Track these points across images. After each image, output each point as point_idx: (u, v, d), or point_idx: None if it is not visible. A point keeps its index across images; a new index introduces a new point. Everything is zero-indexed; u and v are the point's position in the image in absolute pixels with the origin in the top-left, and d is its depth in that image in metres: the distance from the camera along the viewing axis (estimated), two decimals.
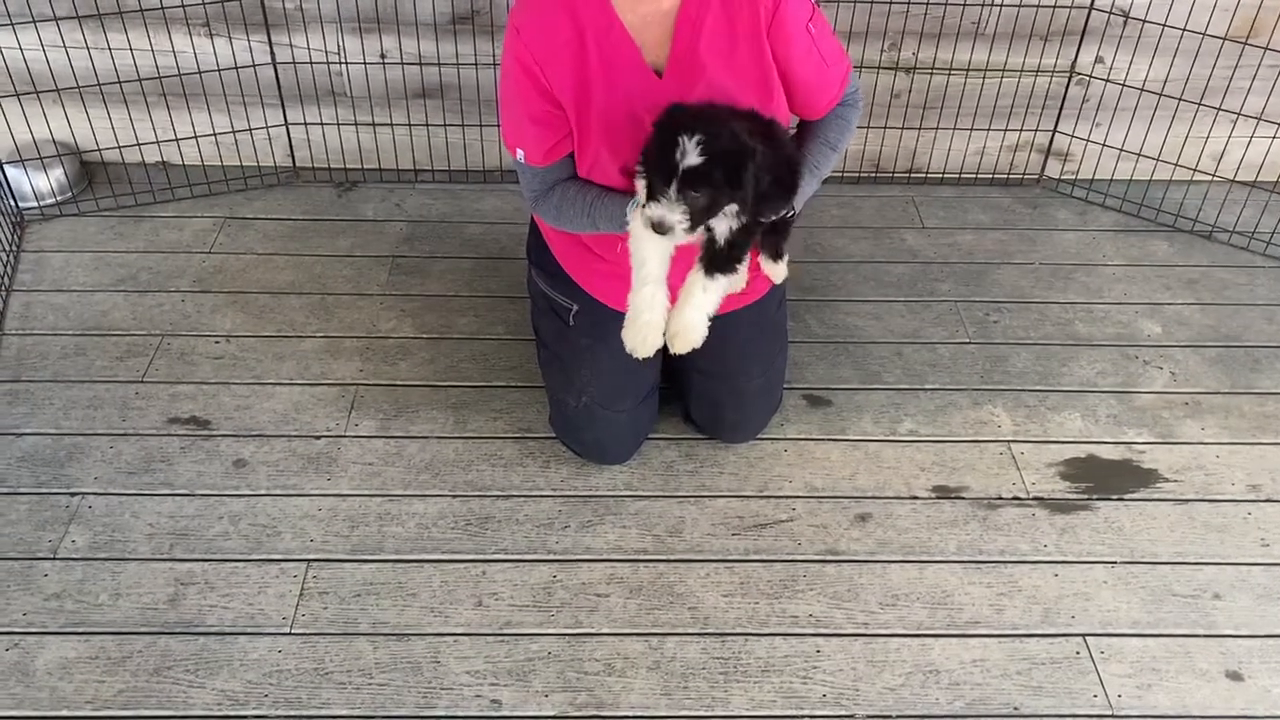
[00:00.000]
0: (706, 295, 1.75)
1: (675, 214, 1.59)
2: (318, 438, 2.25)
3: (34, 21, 2.67)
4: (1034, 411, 2.36)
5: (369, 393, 2.36)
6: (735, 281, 1.88)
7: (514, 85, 1.83)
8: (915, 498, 2.17)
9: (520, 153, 1.88)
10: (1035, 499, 2.17)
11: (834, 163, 1.95)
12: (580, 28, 1.77)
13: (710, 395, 2.21)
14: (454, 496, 2.14)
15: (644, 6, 1.77)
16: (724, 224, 1.69)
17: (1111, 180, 3.03)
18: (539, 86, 1.80)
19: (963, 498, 2.17)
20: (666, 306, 1.77)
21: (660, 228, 1.61)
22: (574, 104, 1.81)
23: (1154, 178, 2.99)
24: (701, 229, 1.69)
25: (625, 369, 2.13)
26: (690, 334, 1.77)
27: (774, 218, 1.82)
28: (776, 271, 2.04)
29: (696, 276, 1.75)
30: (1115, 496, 2.18)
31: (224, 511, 2.09)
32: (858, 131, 2.99)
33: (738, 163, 1.59)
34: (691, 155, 1.56)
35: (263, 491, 2.14)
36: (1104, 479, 2.21)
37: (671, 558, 2.04)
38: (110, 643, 1.86)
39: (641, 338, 1.78)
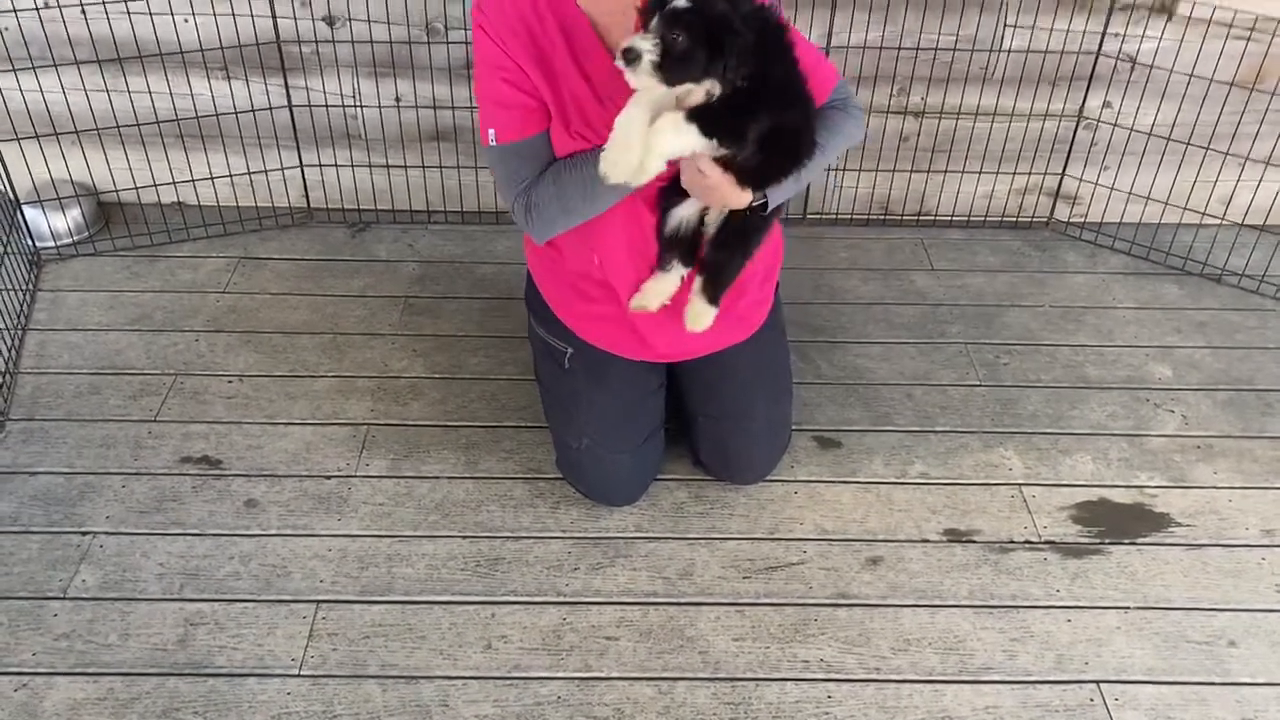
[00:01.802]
0: (676, 135, 1.60)
1: (647, 43, 1.53)
2: (329, 478, 2.26)
3: (55, 65, 2.72)
4: (1045, 454, 2.36)
5: (380, 433, 2.37)
6: (722, 199, 1.77)
7: (480, 65, 1.81)
8: (926, 541, 2.16)
9: (492, 133, 1.82)
10: (1047, 543, 2.16)
11: (820, 165, 1.86)
12: (536, 6, 1.78)
13: (717, 437, 2.21)
14: (464, 537, 2.14)
15: (606, 3, 1.78)
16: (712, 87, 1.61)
17: (1120, 223, 3.05)
18: (506, 54, 1.78)
19: (974, 541, 2.16)
20: (644, 130, 1.62)
21: (629, 54, 1.53)
22: (545, 81, 1.79)
23: (1163, 221, 3.00)
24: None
25: (624, 411, 2.14)
26: (647, 159, 1.60)
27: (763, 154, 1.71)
28: (701, 316, 1.90)
29: (673, 114, 1.61)
30: (1128, 541, 2.17)
31: (235, 551, 2.09)
32: (867, 174, 3.02)
33: (725, 26, 1.54)
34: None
35: (273, 531, 2.14)
36: (1116, 523, 2.20)
37: (682, 600, 2.03)
38: (119, 683, 1.86)
39: (612, 160, 1.63)
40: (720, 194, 1.74)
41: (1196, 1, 2.67)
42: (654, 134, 1.60)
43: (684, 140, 1.61)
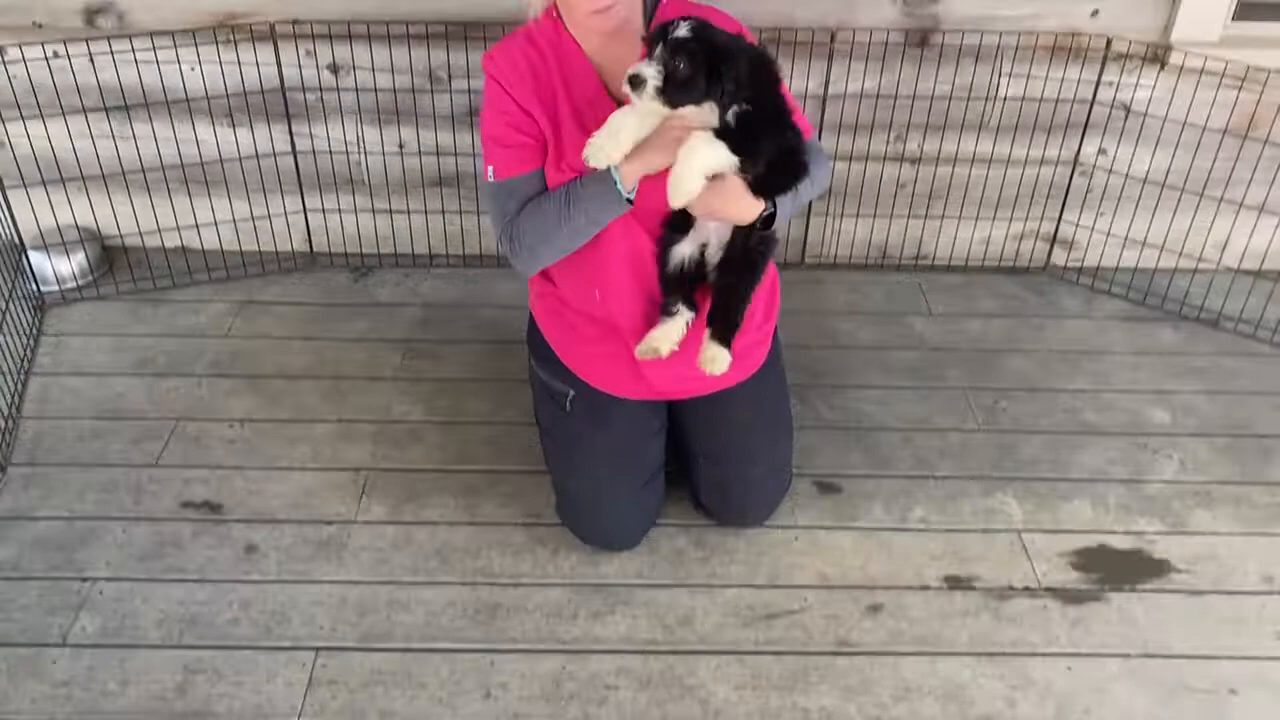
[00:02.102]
0: (710, 150, 1.70)
1: (651, 69, 1.65)
2: (329, 523, 2.26)
3: (63, 112, 2.76)
4: (1044, 500, 2.36)
5: (380, 477, 2.38)
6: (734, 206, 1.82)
7: (489, 101, 1.91)
8: (927, 588, 2.16)
9: (490, 169, 1.91)
10: (1047, 589, 2.15)
11: (809, 190, 1.93)
12: (544, 57, 1.88)
13: (718, 479, 2.22)
14: (463, 584, 2.14)
15: (612, 49, 1.87)
16: (731, 111, 1.72)
17: (1117, 268, 3.07)
18: (510, 96, 1.88)
19: (974, 588, 2.16)
20: (633, 140, 1.75)
21: (635, 80, 1.66)
22: (547, 121, 1.88)
23: (1159, 266, 3.02)
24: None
25: (625, 453, 2.15)
26: (678, 183, 1.70)
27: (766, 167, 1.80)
28: (716, 360, 1.91)
29: (703, 132, 1.72)
30: (1127, 587, 2.16)
31: (234, 597, 2.09)
32: (865, 219, 3.05)
33: (722, 55, 1.66)
34: (682, 30, 1.65)
35: (273, 577, 2.14)
36: (1116, 569, 2.20)
37: (682, 649, 2.02)
38: None
39: (598, 145, 1.74)
40: (738, 204, 1.79)
41: (1188, 51, 2.71)
42: (690, 153, 1.69)
43: (718, 155, 1.70)
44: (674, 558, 2.21)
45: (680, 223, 1.90)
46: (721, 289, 1.93)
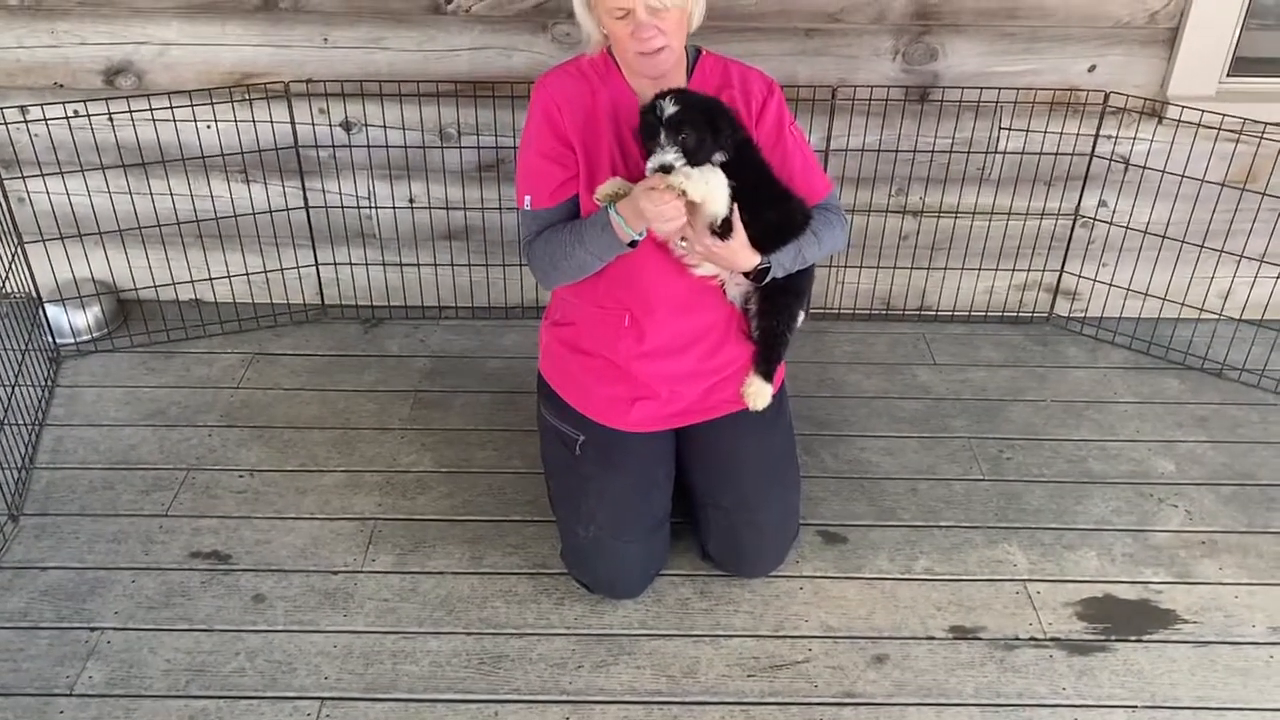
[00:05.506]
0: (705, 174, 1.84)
1: (670, 154, 1.80)
2: (335, 573, 2.27)
3: (81, 169, 2.82)
4: (1049, 550, 2.36)
5: (387, 527, 2.39)
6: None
7: (533, 128, 2.00)
8: (932, 638, 2.15)
9: (528, 199, 2.01)
10: (1053, 639, 2.15)
11: (815, 255, 2.03)
12: (595, 90, 1.98)
13: (728, 528, 2.22)
14: (468, 634, 2.14)
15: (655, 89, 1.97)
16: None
17: (1120, 318, 3.09)
18: (555, 126, 1.97)
19: (980, 638, 2.15)
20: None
21: (664, 169, 1.79)
22: (584, 151, 1.97)
23: (1162, 315, 3.04)
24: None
25: (633, 497, 2.17)
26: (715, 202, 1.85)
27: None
28: (759, 395, 2.11)
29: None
30: (1134, 638, 2.16)
31: (241, 647, 2.10)
32: (868, 270, 3.08)
33: (709, 110, 1.83)
34: (669, 108, 1.80)
35: (279, 627, 2.15)
36: (1122, 619, 2.20)
37: (686, 700, 2.02)
38: None
39: (608, 191, 1.91)
40: (733, 254, 1.92)
41: (1185, 106, 2.76)
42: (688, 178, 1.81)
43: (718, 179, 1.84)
44: (678, 608, 2.21)
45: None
46: (763, 331, 2.09)
